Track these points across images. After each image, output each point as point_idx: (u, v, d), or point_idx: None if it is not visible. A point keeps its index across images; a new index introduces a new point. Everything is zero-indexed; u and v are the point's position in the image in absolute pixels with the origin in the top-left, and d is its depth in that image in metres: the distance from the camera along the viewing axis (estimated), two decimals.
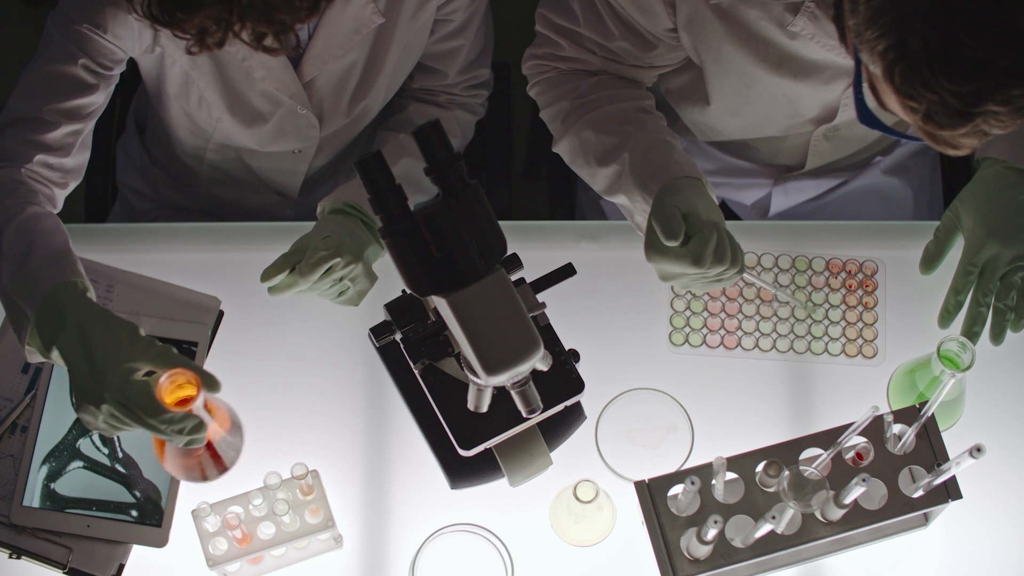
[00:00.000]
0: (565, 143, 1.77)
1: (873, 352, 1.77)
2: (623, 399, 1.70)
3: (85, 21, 1.63)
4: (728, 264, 1.55)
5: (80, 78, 1.65)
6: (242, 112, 1.81)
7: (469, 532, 1.65)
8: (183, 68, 1.75)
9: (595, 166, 1.72)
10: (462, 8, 1.80)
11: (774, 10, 1.61)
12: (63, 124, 1.66)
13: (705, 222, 1.55)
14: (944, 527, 1.67)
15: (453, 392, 1.52)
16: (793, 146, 1.91)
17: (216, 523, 1.61)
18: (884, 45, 1.28)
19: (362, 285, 1.71)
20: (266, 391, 1.75)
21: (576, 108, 1.75)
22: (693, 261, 1.53)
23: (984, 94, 1.26)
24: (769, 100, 1.76)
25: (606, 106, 1.73)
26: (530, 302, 1.49)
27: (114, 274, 1.79)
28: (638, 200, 1.65)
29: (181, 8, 1.40)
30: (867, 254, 1.82)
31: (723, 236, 1.55)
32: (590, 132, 1.73)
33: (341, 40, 1.72)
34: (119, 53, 1.68)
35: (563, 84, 1.78)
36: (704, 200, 1.58)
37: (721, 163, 2.01)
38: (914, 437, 1.54)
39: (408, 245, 1.34)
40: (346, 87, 1.81)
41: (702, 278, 1.57)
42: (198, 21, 1.41)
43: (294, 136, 1.86)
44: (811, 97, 1.75)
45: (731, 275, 1.58)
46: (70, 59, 1.64)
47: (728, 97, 1.79)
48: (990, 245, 1.71)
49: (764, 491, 1.54)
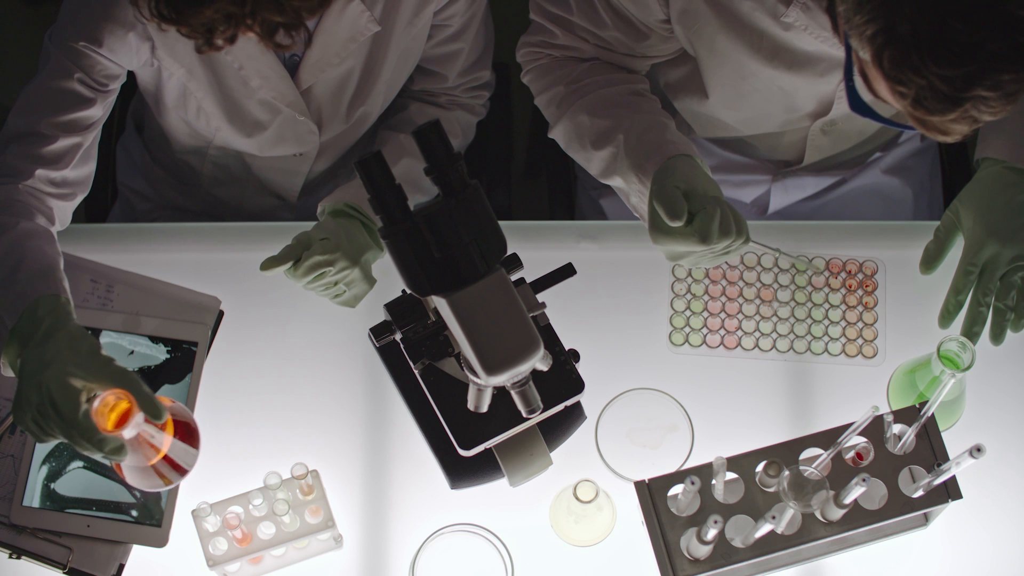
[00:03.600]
0: (560, 128, 1.79)
1: (873, 352, 1.77)
2: (623, 399, 1.70)
3: (81, 38, 1.63)
4: (734, 236, 1.55)
5: (77, 92, 1.66)
6: (240, 121, 1.81)
7: (469, 532, 1.65)
8: (180, 80, 1.75)
9: (590, 149, 1.73)
10: (460, 13, 1.79)
11: (767, 1, 1.61)
12: (61, 137, 1.66)
13: (707, 198, 1.55)
14: (944, 527, 1.67)
15: (453, 392, 1.52)
16: (791, 141, 1.92)
17: (216, 523, 1.61)
18: (872, 30, 1.28)
19: (358, 289, 1.72)
20: (266, 391, 1.75)
21: (571, 93, 1.77)
22: (700, 238, 1.53)
23: (973, 79, 1.25)
24: (764, 93, 1.76)
25: (601, 90, 1.75)
26: (530, 302, 1.49)
27: (114, 274, 1.79)
28: (633, 181, 1.66)
29: (190, 2, 1.38)
30: (867, 254, 1.82)
31: (726, 209, 1.56)
32: (585, 116, 1.73)
33: (337, 48, 1.72)
34: (116, 68, 1.68)
35: (557, 70, 1.79)
36: (701, 176, 1.58)
37: (720, 159, 2.02)
38: (914, 437, 1.54)
39: (408, 245, 1.34)
40: (344, 94, 1.81)
41: (709, 253, 1.58)
42: (208, 15, 1.38)
43: (294, 141, 1.86)
44: (806, 90, 1.75)
45: (738, 246, 1.58)
46: (67, 75, 1.65)
47: (723, 90, 1.79)
48: (990, 245, 1.71)
49: (764, 491, 1.54)
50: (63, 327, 1.50)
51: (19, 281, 1.55)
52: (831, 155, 1.96)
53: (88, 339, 1.50)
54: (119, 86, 1.71)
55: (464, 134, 1.94)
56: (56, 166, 1.67)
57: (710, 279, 1.81)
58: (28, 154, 1.65)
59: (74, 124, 1.67)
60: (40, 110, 1.66)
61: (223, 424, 1.73)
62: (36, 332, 1.50)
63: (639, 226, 1.76)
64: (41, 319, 1.51)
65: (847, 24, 1.32)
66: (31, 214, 1.64)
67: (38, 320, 1.51)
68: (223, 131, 1.83)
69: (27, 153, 1.65)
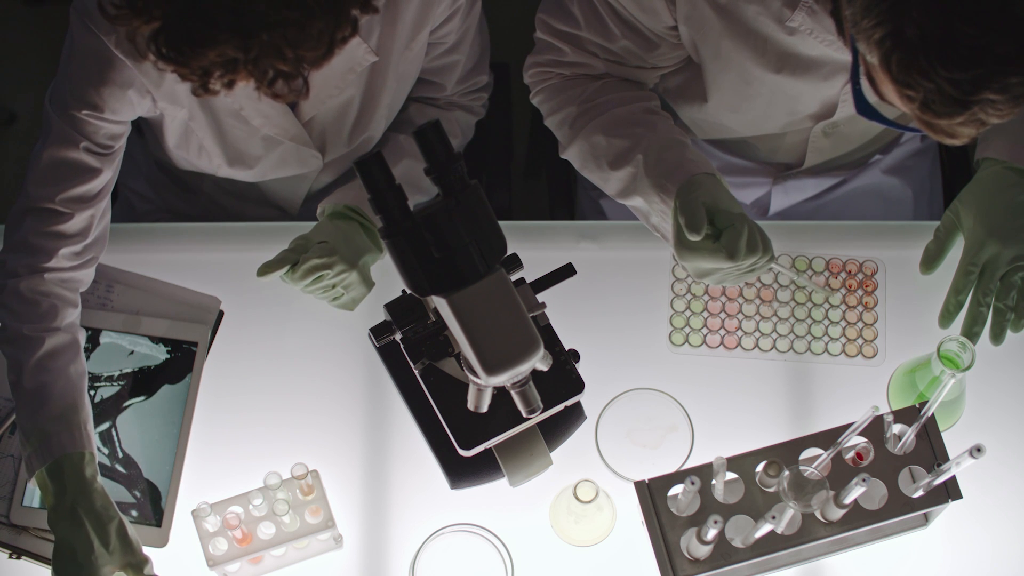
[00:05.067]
0: (575, 148, 1.77)
1: (873, 352, 1.77)
2: (623, 399, 1.70)
3: (82, 107, 1.62)
4: (760, 253, 1.56)
5: (84, 163, 1.66)
6: (242, 159, 1.80)
7: (469, 532, 1.65)
8: (183, 121, 1.75)
9: (607, 170, 1.72)
10: (455, 30, 1.78)
11: (772, 6, 1.61)
12: (77, 212, 1.67)
13: (734, 215, 1.56)
14: (944, 527, 1.67)
15: (453, 392, 1.52)
16: (792, 143, 1.91)
17: (216, 523, 1.61)
18: (880, 34, 1.28)
19: (357, 292, 1.71)
20: (266, 391, 1.75)
21: (583, 112, 1.75)
22: (728, 255, 1.54)
23: (981, 82, 1.25)
24: (768, 97, 1.76)
25: (614, 109, 1.73)
26: (530, 302, 1.49)
27: (114, 274, 1.79)
28: (655, 201, 1.65)
29: (191, 43, 1.32)
30: (867, 254, 1.82)
31: (753, 226, 1.57)
32: (600, 136, 1.72)
33: (336, 80, 1.71)
34: (119, 128, 1.68)
35: (567, 90, 1.78)
36: (724, 193, 1.59)
37: (721, 162, 2.01)
38: (914, 437, 1.54)
39: (408, 245, 1.34)
40: (345, 121, 1.80)
41: (736, 270, 1.58)
42: (210, 59, 1.33)
43: (297, 165, 1.86)
44: (810, 94, 1.74)
45: (763, 263, 1.59)
46: (72, 144, 1.65)
47: (727, 94, 1.79)
48: (990, 245, 1.71)
49: (764, 491, 1.54)
50: (87, 502, 1.57)
51: (45, 424, 1.61)
52: (832, 157, 1.96)
53: (113, 520, 1.57)
54: (125, 139, 1.71)
55: (464, 133, 1.93)
56: (76, 240, 1.68)
57: None
58: (48, 232, 1.66)
59: (86, 196, 1.67)
60: (52, 183, 1.66)
61: (223, 424, 1.73)
62: (63, 501, 1.57)
63: (639, 226, 1.76)
64: (65, 487, 1.57)
65: (854, 28, 1.32)
66: (56, 315, 1.65)
67: (63, 485, 1.58)
68: (224, 169, 1.83)
69: (46, 231, 1.66)
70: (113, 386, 1.73)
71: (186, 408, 1.73)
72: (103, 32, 1.58)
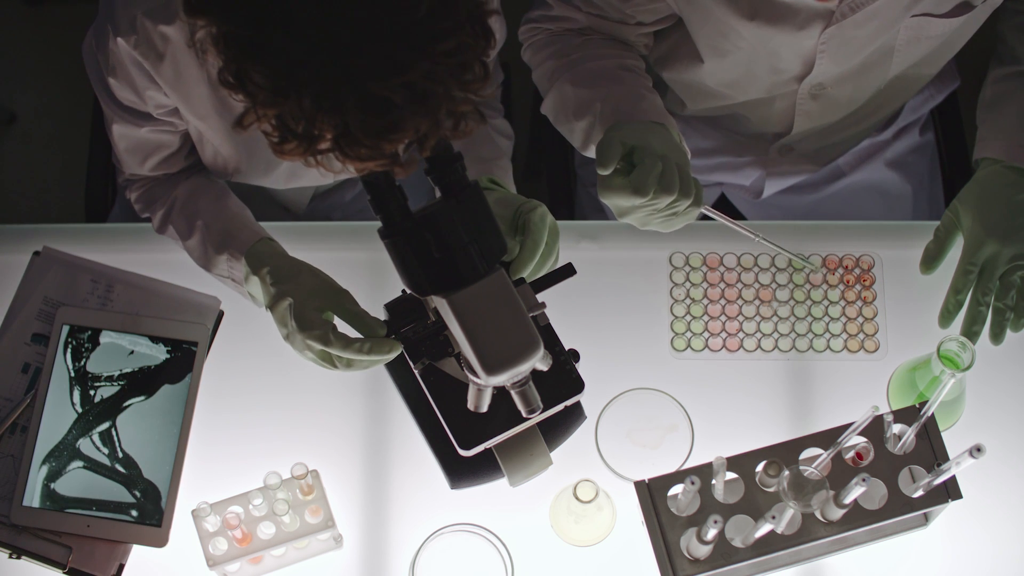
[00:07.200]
0: (548, 100, 1.79)
1: (875, 346, 1.77)
2: (623, 399, 1.70)
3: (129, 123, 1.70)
4: (678, 195, 1.52)
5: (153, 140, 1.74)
6: (255, 165, 1.80)
7: (469, 532, 1.65)
8: (196, 127, 1.75)
9: (572, 120, 1.73)
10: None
11: None
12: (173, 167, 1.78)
13: (653, 153, 1.52)
14: (944, 527, 1.67)
15: (453, 392, 1.52)
16: (781, 109, 1.89)
17: (216, 523, 1.61)
18: None
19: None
20: (266, 391, 1.75)
21: (560, 66, 1.77)
22: (634, 190, 1.49)
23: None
24: (748, 52, 1.74)
25: (589, 63, 1.75)
26: (530, 302, 1.49)
27: (114, 274, 1.79)
28: None
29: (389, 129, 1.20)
30: (866, 251, 1.82)
31: (671, 167, 1.52)
32: (569, 87, 1.74)
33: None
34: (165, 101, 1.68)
35: (551, 45, 1.81)
36: (660, 138, 1.56)
37: (714, 141, 2.01)
38: (914, 437, 1.54)
39: (408, 245, 1.34)
40: None
41: (654, 211, 1.54)
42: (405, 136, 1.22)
43: (308, 177, 1.85)
44: (788, 46, 1.72)
45: (685, 207, 1.54)
46: (135, 127, 1.70)
47: (707, 51, 1.79)
48: (989, 244, 1.71)
49: (764, 491, 1.54)
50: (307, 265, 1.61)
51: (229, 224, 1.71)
52: (821, 125, 1.93)
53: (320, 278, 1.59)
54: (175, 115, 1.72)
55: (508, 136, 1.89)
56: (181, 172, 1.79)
57: (708, 282, 1.81)
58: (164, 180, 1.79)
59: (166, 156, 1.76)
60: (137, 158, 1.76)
61: (223, 424, 1.73)
62: (282, 264, 1.61)
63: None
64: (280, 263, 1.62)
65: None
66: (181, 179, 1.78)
67: (274, 264, 1.61)
68: (238, 175, 1.83)
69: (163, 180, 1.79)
70: (113, 386, 1.74)
71: (186, 408, 1.73)
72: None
